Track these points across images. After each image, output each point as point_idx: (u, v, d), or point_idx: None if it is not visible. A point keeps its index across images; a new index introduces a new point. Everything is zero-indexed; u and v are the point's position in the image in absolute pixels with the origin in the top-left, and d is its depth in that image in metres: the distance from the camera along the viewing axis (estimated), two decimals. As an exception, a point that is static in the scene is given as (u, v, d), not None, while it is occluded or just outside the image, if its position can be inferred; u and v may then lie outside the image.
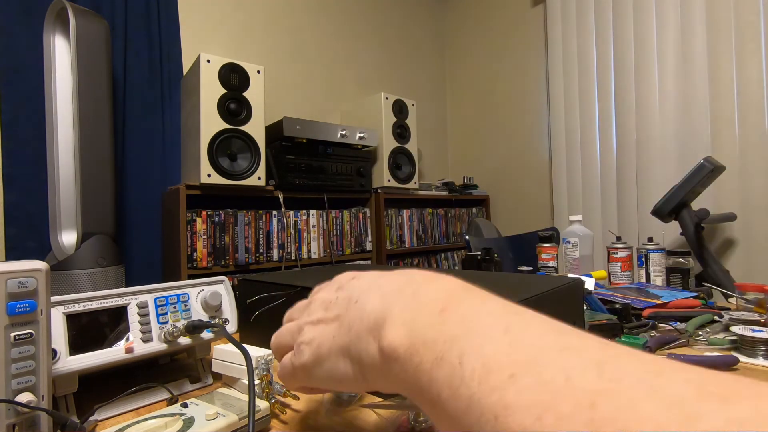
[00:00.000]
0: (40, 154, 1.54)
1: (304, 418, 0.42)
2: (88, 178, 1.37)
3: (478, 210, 2.91)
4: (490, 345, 0.18)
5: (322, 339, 0.27)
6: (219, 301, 0.51)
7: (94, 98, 1.39)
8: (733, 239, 1.89)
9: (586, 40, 2.36)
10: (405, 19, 3.05)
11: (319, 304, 0.29)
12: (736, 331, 0.58)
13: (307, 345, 0.27)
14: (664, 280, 1.02)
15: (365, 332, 0.24)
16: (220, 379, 0.52)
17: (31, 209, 1.56)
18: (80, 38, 1.36)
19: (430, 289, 0.23)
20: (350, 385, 0.26)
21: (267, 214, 1.89)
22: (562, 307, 0.52)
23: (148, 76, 1.86)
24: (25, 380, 0.34)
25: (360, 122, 2.38)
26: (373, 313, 0.24)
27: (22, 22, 1.56)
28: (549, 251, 1.09)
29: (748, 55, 1.83)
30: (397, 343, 0.21)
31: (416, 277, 0.25)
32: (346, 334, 0.25)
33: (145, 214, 1.83)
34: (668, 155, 2.04)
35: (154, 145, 1.87)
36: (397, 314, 0.22)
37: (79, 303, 0.43)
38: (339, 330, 0.26)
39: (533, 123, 2.77)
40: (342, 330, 0.26)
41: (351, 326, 0.25)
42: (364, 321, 0.24)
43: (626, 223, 2.18)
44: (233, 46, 2.17)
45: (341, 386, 0.27)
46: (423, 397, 0.20)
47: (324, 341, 0.26)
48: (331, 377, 0.26)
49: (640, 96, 2.14)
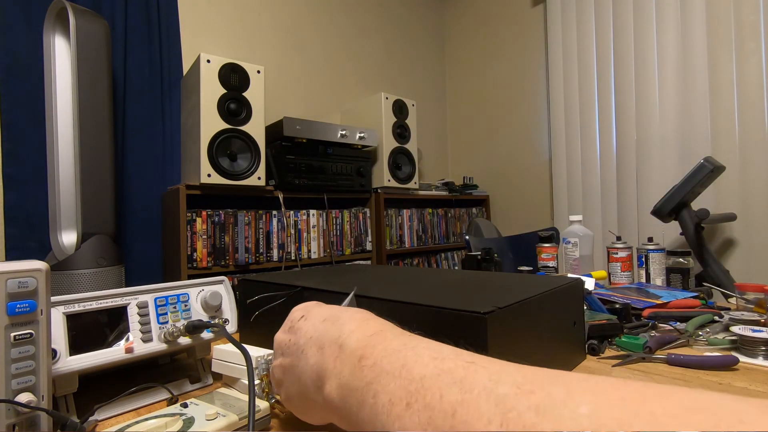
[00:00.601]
0: (40, 154, 1.54)
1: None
2: (88, 178, 1.37)
3: (478, 210, 2.91)
4: (393, 382, 0.22)
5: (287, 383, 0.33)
6: (219, 301, 0.51)
7: (94, 98, 1.39)
8: (733, 239, 1.89)
9: (586, 40, 2.36)
10: (405, 19, 3.05)
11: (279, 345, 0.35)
12: (736, 331, 0.58)
13: (281, 387, 0.34)
14: (664, 280, 1.02)
15: (311, 385, 0.29)
16: (220, 379, 0.52)
17: (31, 209, 1.56)
18: (80, 38, 1.36)
19: (351, 339, 0.28)
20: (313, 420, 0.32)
21: (267, 214, 1.89)
22: (562, 307, 0.52)
23: (148, 76, 1.86)
24: (25, 380, 0.34)
25: (360, 122, 2.38)
26: (315, 367, 0.29)
27: (22, 22, 1.56)
28: (549, 251, 1.09)
29: (748, 55, 1.83)
30: (334, 395, 0.26)
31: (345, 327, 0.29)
32: (298, 383, 0.31)
33: (145, 214, 1.83)
34: (668, 155, 2.04)
35: (154, 145, 1.87)
36: (331, 369, 0.27)
37: (79, 303, 0.43)
38: (293, 378, 0.32)
39: (533, 123, 2.77)
40: (295, 378, 0.32)
41: (300, 377, 0.31)
42: (309, 375, 0.30)
43: (626, 223, 2.18)
44: (233, 46, 2.17)
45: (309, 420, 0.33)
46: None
47: (288, 385, 0.33)
48: (300, 413, 0.33)
49: (640, 96, 2.14)
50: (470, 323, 0.37)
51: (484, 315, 0.36)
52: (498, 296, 0.44)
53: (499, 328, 0.38)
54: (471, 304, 0.39)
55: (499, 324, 0.38)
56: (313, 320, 0.32)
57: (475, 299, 0.42)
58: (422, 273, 0.66)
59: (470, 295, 0.46)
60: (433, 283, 0.56)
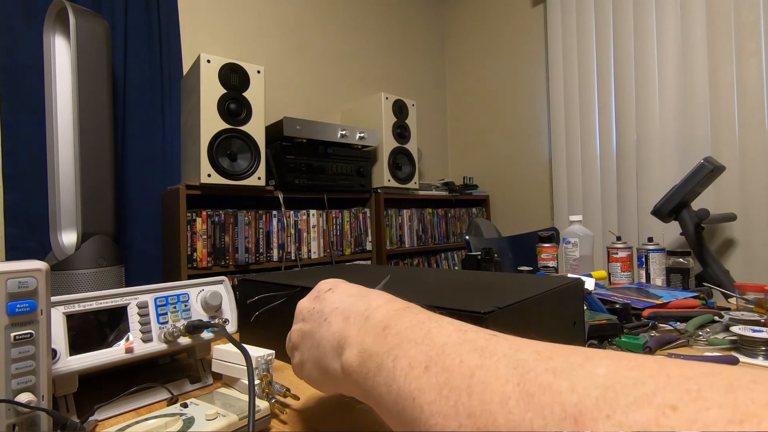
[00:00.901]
0: (40, 154, 1.54)
1: (304, 419, 0.42)
2: (88, 178, 1.37)
3: (478, 210, 2.91)
4: (414, 348, 0.23)
5: (303, 348, 0.34)
6: (219, 301, 0.51)
7: (94, 98, 1.39)
8: (733, 239, 1.89)
9: (586, 40, 2.36)
10: (405, 19, 3.05)
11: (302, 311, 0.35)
12: (736, 331, 0.58)
13: (296, 350, 0.35)
14: (664, 280, 1.02)
15: (331, 351, 0.30)
16: (220, 379, 0.52)
17: (31, 209, 1.56)
18: (80, 38, 1.36)
19: (378, 312, 0.28)
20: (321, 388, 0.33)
21: (267, 214, 1.89)
22: (562, 307, 0.52)
23: (148, 76, 1.86)
24: (25, 380, 0.34)
25: (360, 122, 2.38)
26: (336, 334, 0.29)
27: (22, 22, 1.56)
28: (549, 251, 1.09)
29: (748, 55, 1.83)
30: (353, 360, 0.27)
31: (372, 302, 0.30)
32: (317, 349, 0.31)
33: (145, 214, 1.83)
34: (668, 155, 2.04)
35: (154, 145, 1.87)
36: (354, 337, 0.28)
37: (79, 303, 0.43)
38: (312, 343, 0.32)
39: (533, 123, 2.77)
40: (313, 343, 0.32)
41: (320, 343, 0.31)
42: (330, 341, 0.30)
43: (626, 223, 2.18)
44: (233, 46, 2.17)
45: (316, 387, 0.34)
46: (370, 400, 0.25)
47: (304, 350, 0.33)
48: (309, 379, 0.33)
49: (640, 96, 2.14)
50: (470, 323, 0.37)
51: (485, 315, 0.36)
52: (498, 296, 0.44)
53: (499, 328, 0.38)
54: (471, 304, 0.39)
55: (499, 324, 0.38)
56: (340, 294, 0.33)
57: (475, 299, 0.42)
58: (422, 273, 0.66)
59: (470, 295, 0.46)
60: (433, 283, 0.56)
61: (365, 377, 0.25)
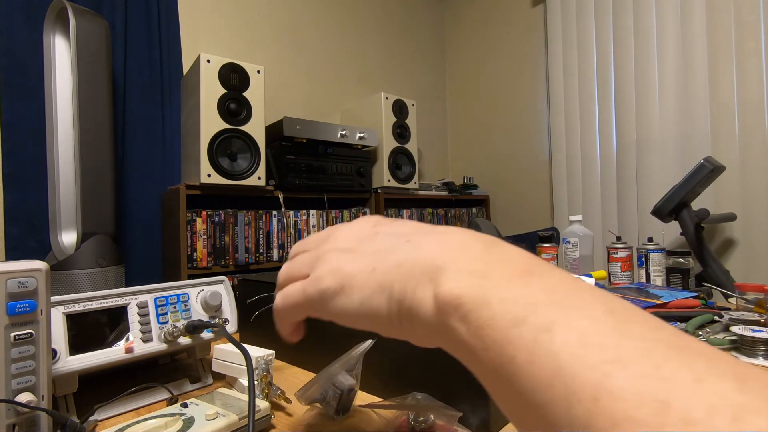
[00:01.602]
0: (40, 154, 1.54)
1: (303, 419, 0.42)
2: (88, 178, 1.37)
3: (478, 210, 2.91)
4: (588, 321, 0.16)
5: (356, 268, 0.24)
6: (219, 301, 0.51)
7: (94, 98, 1.39)
8: (733, 239, 1.89)
9: (586, 40, 2.36)
10: (405, 18, 3.05)
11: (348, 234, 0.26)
12: (736, 331, 0.58)
13: (331, 272, 0.24)
14: (664, 280, 1.02)
15: (420, 273, 0.21)
16: (220, 379, 0.52)
17: (31, 209, 1.56)
18: (80, 38, 1.36)
19: (505, 248, 0.21)
20: (377, 324, 0.23)
21: (267, 214, 1.89)
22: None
23: (148, 76, 1.86)
24: (25, 380, 0.34)
25: (360, 122, 2.38)
26: (431, 255, 0.21)
27: (22, 22, 1.56)
28: (549, 251, 1.09)
29: (748, 55, 1.83)
30: (462, 292, 0.19)
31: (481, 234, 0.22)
32: (392, 271, 0.22)
33: (145, 214, 1.83)
34: (668, 155, 2.04)
35: (154, 145, 1.86)
36: (466, 263, 0.20)
37: (79, 303, 0.43)
38: (381, 263, 0.23)
39: (533, 123, 2.77)
40: (385, 264, 0.23)
41: (400, 264, 0.22)
42: (418, 262, 0.22)
43: (626, 223, 2.18)
44: (233, 46, 2.16)
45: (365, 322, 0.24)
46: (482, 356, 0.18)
47: (358, 272, 0.24)
48: (358, 311, 0.23)
49: (640, 96, 2.14)
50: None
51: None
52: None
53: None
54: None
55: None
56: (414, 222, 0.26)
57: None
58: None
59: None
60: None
61: (484, 323, 0.18)
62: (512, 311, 0.17)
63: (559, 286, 0.18)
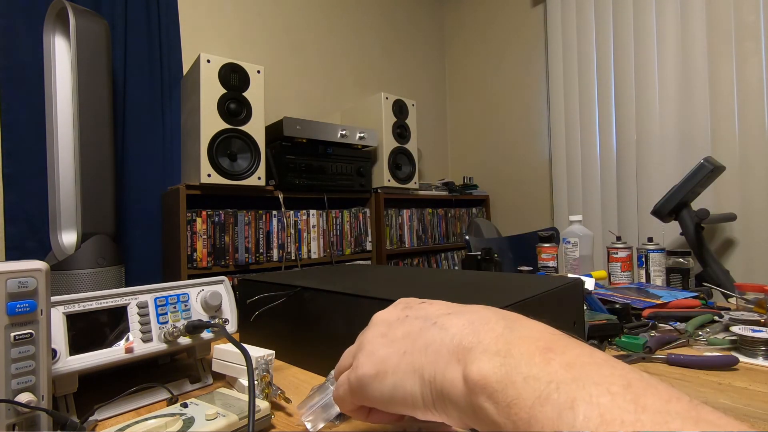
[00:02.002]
0: (40, 154, 1.54)
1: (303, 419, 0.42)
2: (88, 178, 1.37)
3: (478, 210, 2.91)
4: (607, 397, 0.17)
5: (389, 353, 0.25)
6: (219, 301, 0.51)
7: (94, 98, 1.39)
8: (733, 239, 1.89)
9: (586, 40, 2.36)
10: (405, 19, 3.05)
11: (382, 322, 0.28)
12: (736, 331, 0.58)
13: (367, 357, 0.26)
14: (664, 280, 1.02)
15: (447, 354, 0.22)
16: (221, 379, 0.52)
17: (31, 209, 1.56)
18: (80, 38, 1.36)
19: (525, 325, 0.22)
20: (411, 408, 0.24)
21: (267, 214, 1.89)
22: (562, 307, 0.52)
23: (148, 76, 1.86)
24: (25, 380, 0.34)
25: (360, 122, 2.38)
26: (458, 336, 0.23)
27: (22, 22, 1.56)
28: (549, 251, 1.09)
29: (748, 55, 1.83)
30: (490, 372, 0.20)
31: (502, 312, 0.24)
32: (421, 353, 0.24)
33: (145, 214, 1.83)
34: (668, 155, 2.04)
35: (154, 145, 1.87)
36: (490, 342, 0.21)
37: (79, 303, 0.43)
38: (412, 346, 0.24)
39: (533, 123, 2.77)
40: (415, 347, 0.24)
41: (428, 346, 0.24)
42: (446, 343, 0.23)
43: (626, 223, 2.18)
44: (233, 46, 2.17)
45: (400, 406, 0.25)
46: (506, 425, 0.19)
47: (390, 356, 0.25)
48: (393, 395, 0.24)
49: (640, 96, 2.14)
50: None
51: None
52: (498, 296, 0.44)
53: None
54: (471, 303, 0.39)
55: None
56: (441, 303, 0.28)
57: (475, 299, 0.42)
58: (422, 273, 0.66)
59: (470, 295, 0.46)
60: (433, 283, 0.56)
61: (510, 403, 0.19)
62: (536, 389, 0.18)
63: (578, 362, 0.19)
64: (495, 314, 0.24)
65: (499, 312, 0.24)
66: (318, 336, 0.53)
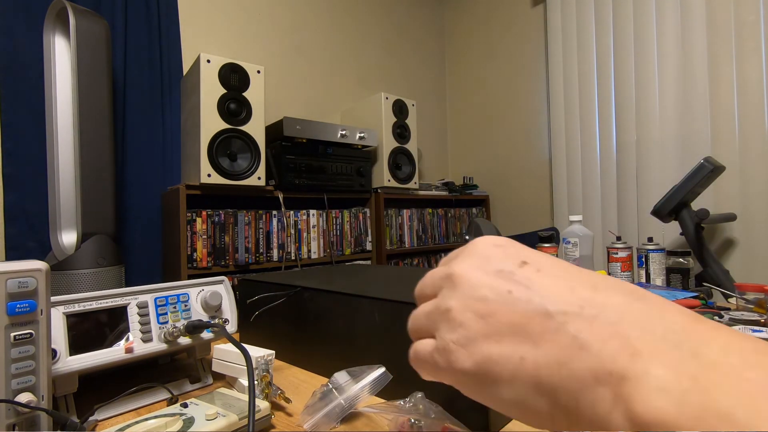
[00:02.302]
0: (40, 154, 1.54)
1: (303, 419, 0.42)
2: (88, 178, 1.37)
3: (478, 210, 2.91)
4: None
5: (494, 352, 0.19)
6: (219, 301, 0.51)
7: (94, 98, 1.39)
8: (733, 239, 1.89)
9: (586, 40, 2.36)
10: (405, 18, 3.05)
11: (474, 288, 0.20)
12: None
13: (462, 346, 0.20)
14: (664, 280, 1.02)
15: (593, 381, 0.16)
16: (221, 379, 0.52)
17: (31, 209, 1.56)
18: (80, 38, 1.36)
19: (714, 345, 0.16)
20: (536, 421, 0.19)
21: (267, 214, 1.89)
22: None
23: (148, 76, 1.86)
24: (25, 380, 0.34)
25: (360, 122, 2.38)
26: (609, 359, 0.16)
27: (22, 22, 1.56)
28: (549, 251, 1.09)
29: (748, 55, 1.83)
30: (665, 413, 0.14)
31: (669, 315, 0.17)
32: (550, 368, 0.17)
33: (145, 214, 1.83)
34: (668, 155, 2.04)
35: (154, 145, 1.87)
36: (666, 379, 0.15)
37: (79, 303, 0.43)
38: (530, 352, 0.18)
39: (533, 123, 2.77)
40: (537, 354, 0.18)
41: (560, 361, 0.17)
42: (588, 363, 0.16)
43: (626, 223, 2.18)
44: (233, 46, 2.17)
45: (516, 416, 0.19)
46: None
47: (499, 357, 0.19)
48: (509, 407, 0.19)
49: (640, 96, 2.14)
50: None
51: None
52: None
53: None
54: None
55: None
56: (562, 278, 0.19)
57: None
58: (422, 273, 0.66)
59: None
60: (433, 283, 0.55)
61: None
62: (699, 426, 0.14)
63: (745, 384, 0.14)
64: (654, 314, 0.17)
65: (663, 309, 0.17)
66: (318, 336, 0.53)
